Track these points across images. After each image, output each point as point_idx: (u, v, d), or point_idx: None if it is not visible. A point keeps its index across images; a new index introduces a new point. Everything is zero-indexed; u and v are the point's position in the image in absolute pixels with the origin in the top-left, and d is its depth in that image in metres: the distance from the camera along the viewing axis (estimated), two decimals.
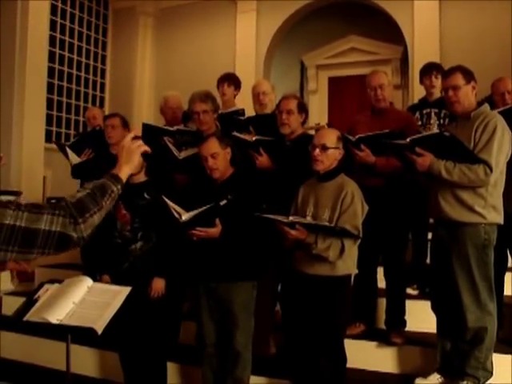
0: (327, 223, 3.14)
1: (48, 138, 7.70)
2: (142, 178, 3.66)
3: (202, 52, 8.70)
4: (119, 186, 1.90)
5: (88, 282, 2.86)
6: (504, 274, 3.98)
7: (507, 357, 3.56)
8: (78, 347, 4.07)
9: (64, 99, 8.43)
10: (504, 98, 3.96)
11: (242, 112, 4.45)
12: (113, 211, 3.63)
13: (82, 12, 8.71)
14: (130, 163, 1.96)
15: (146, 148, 1.99)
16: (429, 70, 4.65)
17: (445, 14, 7.30)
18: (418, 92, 6.00)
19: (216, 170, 3.40)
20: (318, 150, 3.24)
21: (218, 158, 3.38)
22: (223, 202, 3.15)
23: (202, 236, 3.23)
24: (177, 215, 3.19)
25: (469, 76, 3.35)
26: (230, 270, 3.33)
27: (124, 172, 1.94)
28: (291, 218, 3.11)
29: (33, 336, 4.52)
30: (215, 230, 3.24)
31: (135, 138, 1.99)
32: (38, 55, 7.09)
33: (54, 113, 8.21)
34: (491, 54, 6.74)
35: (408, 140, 3.31)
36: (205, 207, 3.14)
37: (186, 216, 3.16)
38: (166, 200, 3.24)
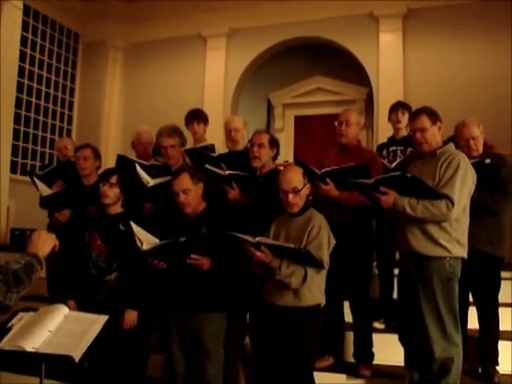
0: (292, 245, 3.16)
1: (13, 169, 7.65)
2: (118, 209, 3.69)
3: (171, 87, 8.78)
4: (39, 268, 2.19)
5: (64, 310, 2.83)
6: (467, 309, 4.06)
7: None
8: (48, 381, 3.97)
9: (31, 130, 8.36)
10: (469, 144, 3.96)
11: (211, 148, 4.45)
12: (88, 241, 3.62)
13: (51, 44, 8.72)
14: (46, 249, 2.29)
15: (57, 242, 2.36)
16: (396, 107, 4.90)
17: (409, 58, 7.58)
18: (382, 132, 6.20)
19: (187, 205, 3.45)
20: (291, 196, 3.28)
21: (189, 193, 3.44)
22: (183, 239, 3.22)
23: (194, 263, 3.27)
24: (139, 243, 3.24)
25: (434, 117, 3.52)
26: (201, 301, 3.35)
27: (42, 255, 2.26)
28: (258, 239, 3.16)
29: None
30: (207, 261, 3.30)
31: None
32: (6, 85, 7.07)
33: (20, 144, 8.12)
34: (453, 97, 7.00)
35: (372, 180, 3.44)
36: (164, 241, 3.23)
37: (146, 246, 3.24)
38: (133, 226, 3.28)
